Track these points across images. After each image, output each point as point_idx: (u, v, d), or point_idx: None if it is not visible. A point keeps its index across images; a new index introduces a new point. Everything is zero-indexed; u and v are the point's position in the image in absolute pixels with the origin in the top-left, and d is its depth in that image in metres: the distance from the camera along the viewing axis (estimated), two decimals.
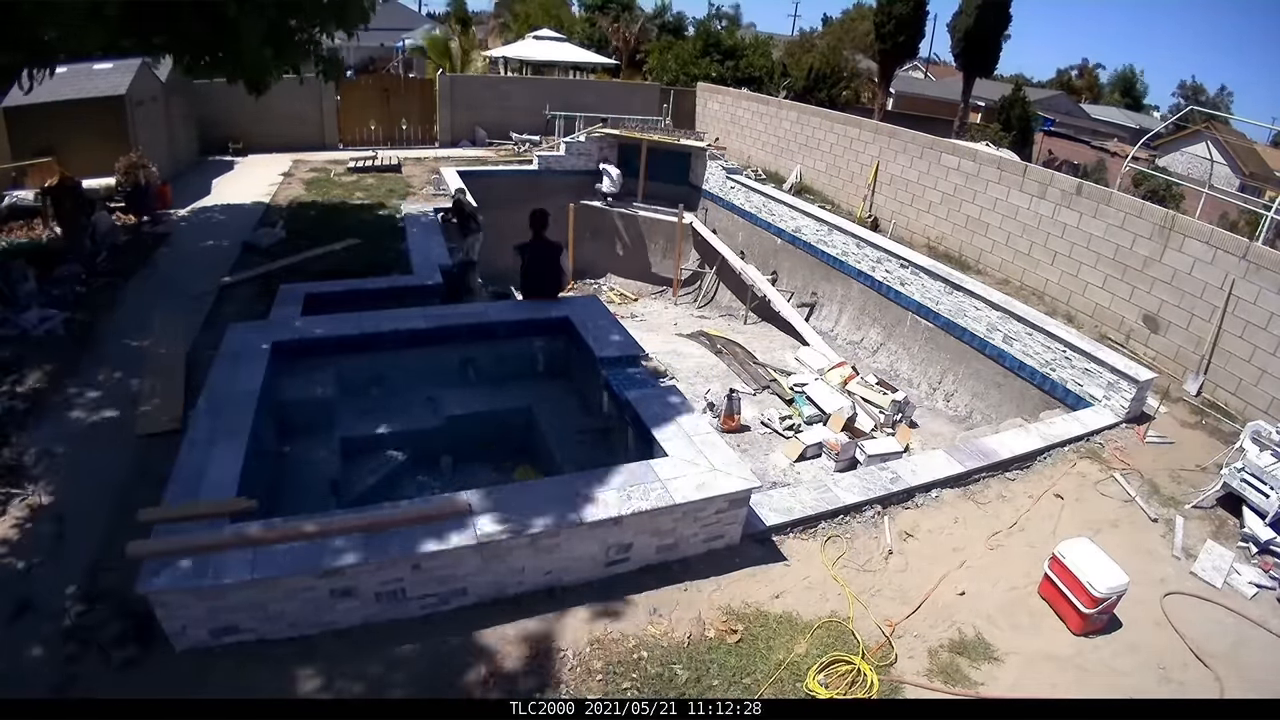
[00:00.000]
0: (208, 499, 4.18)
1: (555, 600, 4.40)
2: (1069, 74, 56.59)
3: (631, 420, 5.80)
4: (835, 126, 15.18)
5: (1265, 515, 5.69)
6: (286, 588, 3.81)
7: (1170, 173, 19.39)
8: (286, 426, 6.01)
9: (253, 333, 6.36)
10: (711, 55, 27.26)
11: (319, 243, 9.97)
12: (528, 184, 15.33)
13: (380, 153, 16.02)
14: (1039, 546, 5.33)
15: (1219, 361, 8.06)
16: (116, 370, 6.62)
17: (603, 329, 7.01)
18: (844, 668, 4.12)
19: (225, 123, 15.19)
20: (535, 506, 4.35)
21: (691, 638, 4.24)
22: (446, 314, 7.21)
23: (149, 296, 8.25)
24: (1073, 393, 7.87)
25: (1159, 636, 4.71)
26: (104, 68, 11.59)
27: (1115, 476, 6.40)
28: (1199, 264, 8.31)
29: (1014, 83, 33.62)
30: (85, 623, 3.86)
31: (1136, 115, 44.69)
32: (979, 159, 11.82)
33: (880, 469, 6.09)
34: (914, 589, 4.86)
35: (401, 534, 4.03)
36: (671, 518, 4.61)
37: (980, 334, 9.13)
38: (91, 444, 5.56)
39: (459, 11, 40.27)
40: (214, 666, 3.76)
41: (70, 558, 4.41)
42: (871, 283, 11.10)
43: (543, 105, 18.81)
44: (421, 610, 4.17)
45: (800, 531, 5.29)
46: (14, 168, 10.93)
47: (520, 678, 3.90)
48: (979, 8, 23.83)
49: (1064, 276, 10.20)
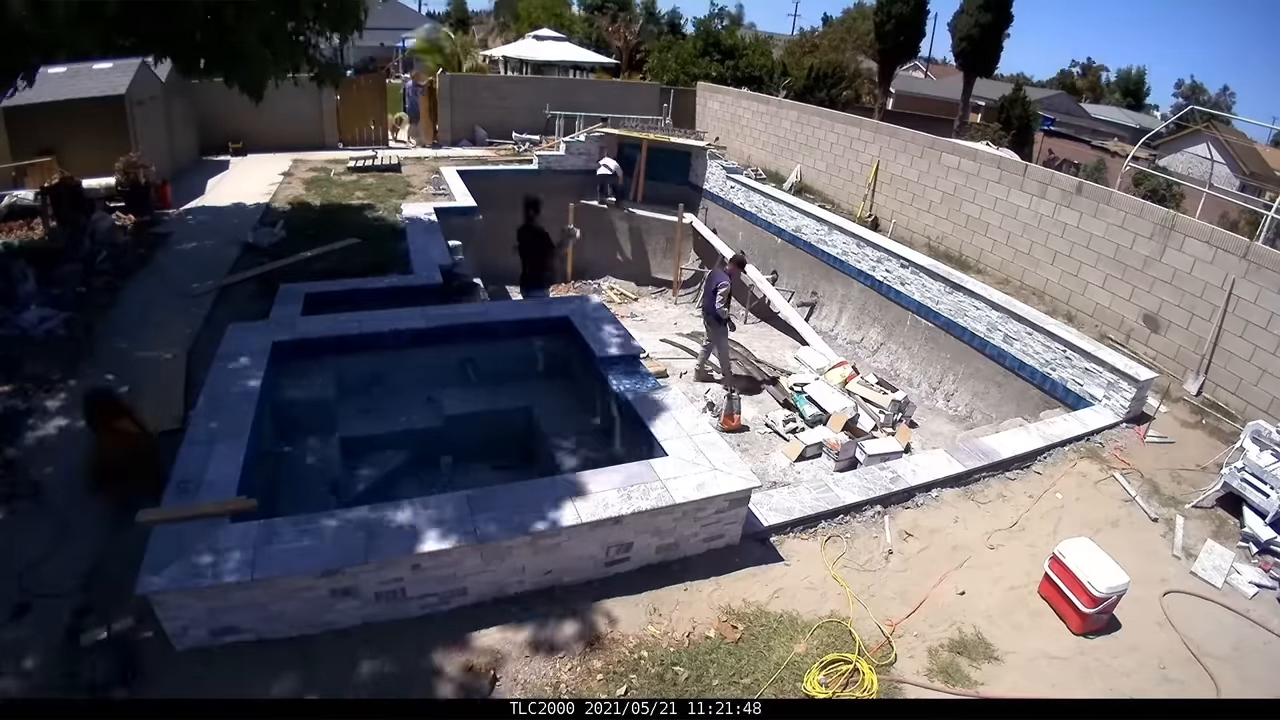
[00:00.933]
0: (207, 499, 4.18)
1: (555, 600, 4.40)
2: (1071, 73, 56.58)
3: (631, 420, 5.80)
4: (835, 126, 15.18)
5: (1265, 515, 5.69)
6: (286, 587, 3.81)
7: (1171, 172, 19.37)
8: (286, 426, 6.01)
9: (253, 332, 6.36)
10: (711, 55, 27.26)
11: (319, 242, 9.96)
12: (527, 184, 15.31)
13: (380, 152, 16.01)
14: (1039, 546, 5.33)
15: (1219, 361, 8.06)
16: (116, 370, 6.62)
17: (603, 328, 7.01)
18: (844, 667, 4.12)
19: (225, 122, 15.16)
20: (535, 506, 4.35)
21: (691, 637, 4.24)
22: (446, 314, 7.21)
23: (149, 296, 8.25)
24: (1073, 392, 7.87)
25: (1159, 636, 4.70)
26: (104, 67, 11.58)
27: (1115, 476, 6.40)
28: (1199, 263, 8.30)
29: (1014, 82, 33.63)
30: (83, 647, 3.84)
31: (1137, 115, 44.71)
32: (979, 158, 11.81)
33: (880, 469, 6.09)
34: (914, 589, 4.86)
35: (401, 533, 4.04)
36: (671, 517, 4.61)
37: (980, 333, 9.13)
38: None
39: (458, 12, 40.30)
40: (214, 666, 3.76)
41: (71, 558, 4.41)
42: (872, 282, 11.09)
43: (543, 105, 18.81)
44: (421, 610, 4.17)
45: (800, 531, 5.29)
46: (14, 167, 10.93)
47: (520, 677, 3.90)
48: (979, 7, 23.83)
49: (1064, 276, 10.20)
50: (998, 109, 27.35)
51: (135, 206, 10.62)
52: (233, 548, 3.84)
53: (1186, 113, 21.73)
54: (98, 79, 11.42)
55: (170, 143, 13.53)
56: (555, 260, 7.99)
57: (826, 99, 24.81)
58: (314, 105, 16.64)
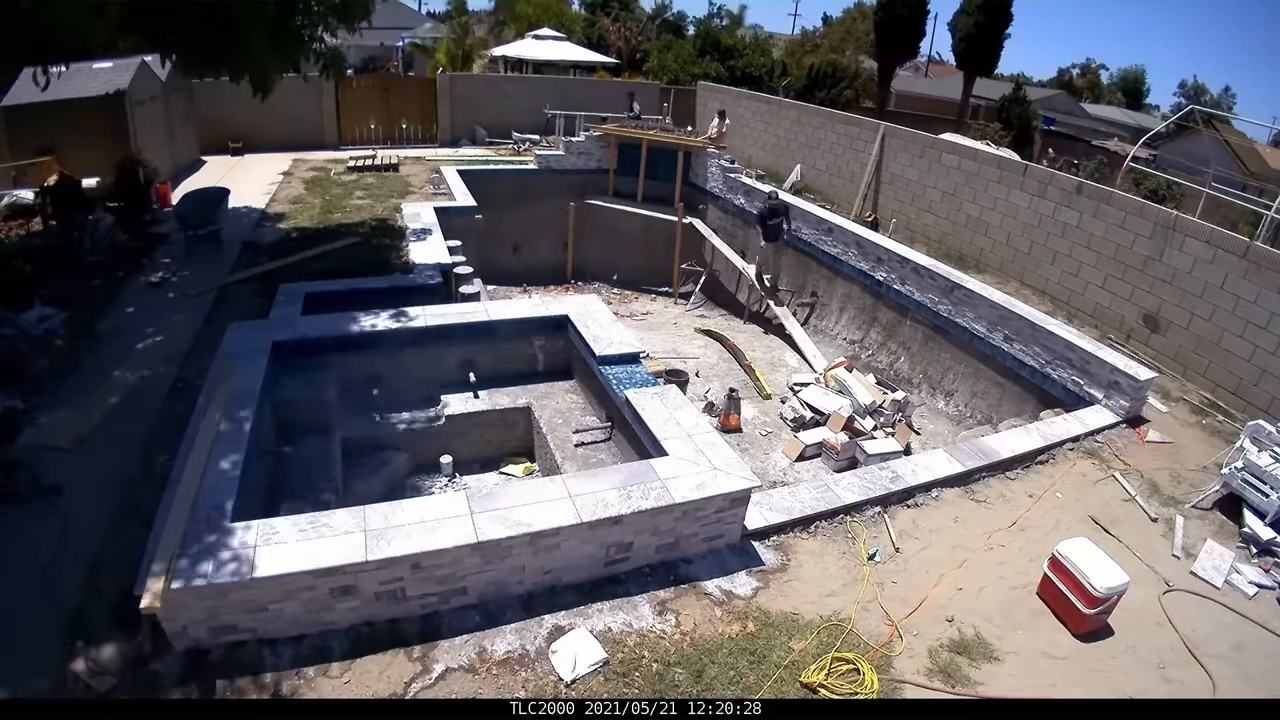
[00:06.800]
0: (208, 499, 4.17)
1: (555, 599, 4.40)
2: (1070, 73, 56.52)
3: (631, 419, 5.80)
4: (835, 126, 15.17)
5: (1265, 515, 5.69)
6: (286, 587, 3.81)
7: (1170, 171, 19.35)
8: (286, 426, 6.01)
9: (253, 332, 6.36)
10: (711, 55, 27.24)
11: (319, 242, 9.96)
12: (527, 184, 15.33)
13: (380, 152, 15.99)
14: (1039, 546, 5.32)
15: (1219, 361, 8.06)
16: (116, 369, 6.61)
17: (602, 328, 7.02)
18: (844, 667, 4.12)
19: (224, 122, 15.15)
20: (535, 506, 4.35)
21: (692, 637, 4.24)
22: (447, 314, 7.21)
23: (148, 295, 8.24)
24: (1073, 392, 7.86)
25: (1159, 636, 4.71)
26: (104, 67, 11.56)
27: (1115, 476, 6.40)
28: (1199, 263, 8.30)
29: (1014, 82, 33.56)
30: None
31: (1137, 114, 44.62)
32: (979, 158, 11.81)
33: (880, 468, 6.09)
34: (914, 588, 4.86)
35: (401, 533, 4.04)
36: (671, 517, 4.62)
37: (980, 333, 9.13)
38: (92, 443, 5.55)
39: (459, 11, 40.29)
40: (214, 666, 3.76)
41: (71, 560, 4.41)
42: (871, 282, 11.08)
43: (543, 104, 18.80)
44: (421, 609, 4.17)
45: (800, 531, 5.29)
46: (13, 167, 10.92)
47: (519, 677, 3.90)
48: (979, 7, 23.81)
49: (1064, 276, 10.19)
50: (998, 109, 27.29)
51: (134, 206, 10.61)
52: (233, 547, 3.84)
53: (1186, 112, 21.69)
54: (98, 78, 11.40)
55: (170, 142, 13.52)
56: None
57: (827, 99, 24.79)
58: (314, 105, 16.63)
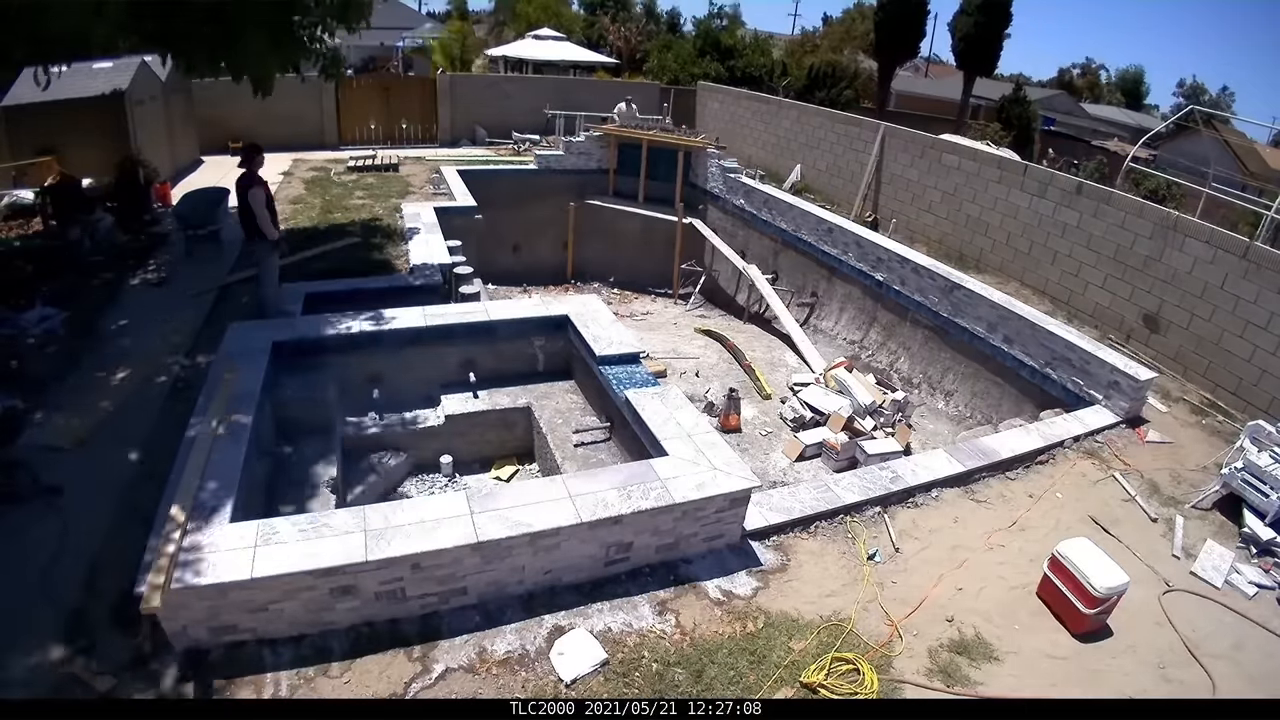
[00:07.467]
0: (205, 501, 4.18)
1: (555, 599, 4.40)
2: (1070, 73, 56.51)
3: (631, 419, 5.80)
4: (835, 126, 15.17)
5: (1265, 515, 5.69)
6: (286, 587, 3.81)
7: (1170, 171, 19.35)
8: (287, 426, 6.01)
9: (253, 332, 6.36)
10: (710, 55, 27.24)
11: (319, 242, 9.96)
12: (527, 184, 15.32)
13: (380, 152, 15.99)
14: (1039, 546, 5.32)
15: (1219, 361, 8.07)
16: (115, 369, 6.61)
17: (602, 328, 7.02)
18: (844, 667, 4.12)
19: (224, 122, 15.14)
20: (535, 506, 4.35)
21: (692, 637, 4.24)
22: (447, 313, 7.21)
23: (148, 295, 8.24)
24: (1073, 392, 7.86)
25: (1159, 636, 4.71)
26: (104, 67, 11.55)
27: (1115, 476, 6.40)
28: (1199, 263, 8.31)
29: (1014, 82, 33.57)
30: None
31: (1137, 114, 44.61)
32: (979, 158, 11.81)
33: (880, 469, 6.09)
34: (914, 588, 4.86)
35: (401, 532, 4.04)
36: (671, 517, 4.62)
37: (980, 333, 9.13)
38: (92, 443, 5.54)
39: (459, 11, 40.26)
40: (214, 666, 3.76)
41: (72, 561, 4.41)
42: (872, 282, 11.08)
43: (543, 104, 18.80)
44: (421, 609, 4.17)
45: (800, 531, 5.29)
46: (14, 166, 10.92)
47: (519, 677, 3.90)
48: (979, 7, 23.80)
49: (1064, 276, 10.20)
50: (997, 109, 27.30)
51: (134, 206, 10.60)
52: (232, 547, 3.84)
53: (1186, 112, 21.69)
54: (98, 78, 11.40)
55: (170, 142, 13.52)
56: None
57: (827, 99, 24.78)
58: (314, 105, 16.62)
